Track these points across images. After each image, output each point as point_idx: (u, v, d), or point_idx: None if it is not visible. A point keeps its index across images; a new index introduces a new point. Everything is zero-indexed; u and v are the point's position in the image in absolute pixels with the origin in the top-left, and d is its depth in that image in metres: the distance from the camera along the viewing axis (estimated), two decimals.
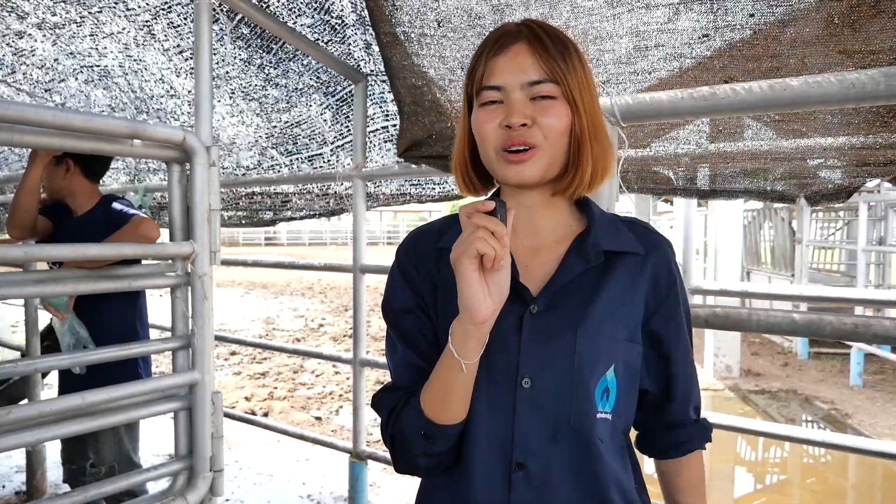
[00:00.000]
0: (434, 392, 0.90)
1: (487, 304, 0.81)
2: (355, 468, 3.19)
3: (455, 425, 0.90)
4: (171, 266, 1.98)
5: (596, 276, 0.94)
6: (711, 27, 1.49)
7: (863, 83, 1.23)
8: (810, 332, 1.47)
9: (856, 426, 5.97)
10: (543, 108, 0.89)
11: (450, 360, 0.86)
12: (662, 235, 1.01)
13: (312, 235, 40.27)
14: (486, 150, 0.93)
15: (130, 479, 1.87)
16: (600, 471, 0.91)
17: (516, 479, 0.90)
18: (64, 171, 2.43)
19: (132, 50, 3.02)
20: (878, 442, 1.98)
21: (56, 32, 2.99)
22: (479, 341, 0.85)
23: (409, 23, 1.79)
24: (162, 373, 6.83)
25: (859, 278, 7.74)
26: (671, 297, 0.99)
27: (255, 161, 3.60)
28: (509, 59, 0.90)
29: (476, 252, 0.79)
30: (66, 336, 2.27)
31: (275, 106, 3.11)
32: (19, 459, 4.13)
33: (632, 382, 0.96)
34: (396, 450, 0.96)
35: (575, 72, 0.90)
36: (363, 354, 3.16)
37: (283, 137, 3.36)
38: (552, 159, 0.91)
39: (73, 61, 3.27)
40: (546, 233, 0.98)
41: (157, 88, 3.38)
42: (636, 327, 0.95)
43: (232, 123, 3.28)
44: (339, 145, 3.30)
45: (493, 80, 0.90)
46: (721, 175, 2.84)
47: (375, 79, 2.87)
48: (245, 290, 16.33)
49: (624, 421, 0.97)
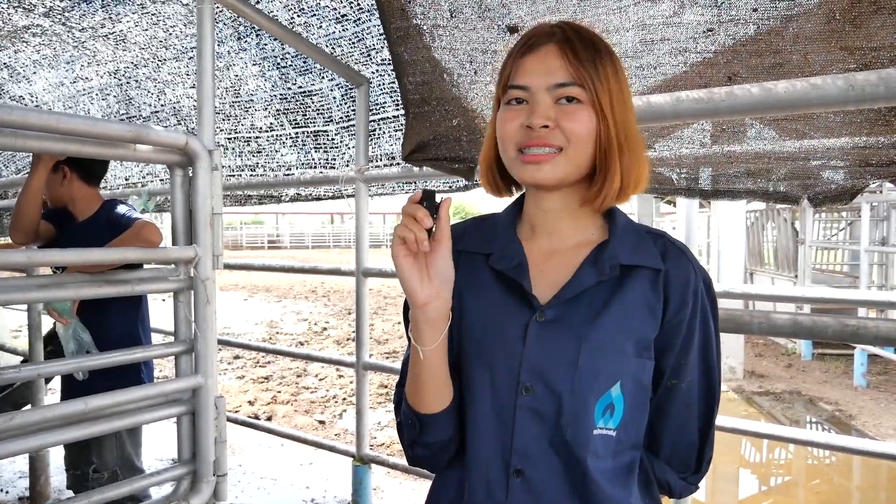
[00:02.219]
0: (410, 382, 0.94)
1: (425, 288, 0.86)
2: (359, 472, 3.18)
3: (436, 414, 0.94)
4: (174, 270, 1.98)
5: (608, 288, 0.91)
6: (716, 21, 1.49)
7: (862, 85, 1.23)
8: (813, 335, 1.47)
9: (860, 427, 5.95)
10: (567, 111, 0.88)
11: (413, 348, 0.91)
12: (684, 250, 0.95)
13: (315, 238, 40.33)
14: (507, 150, 0.92)
15: (134, 484, 1.87)
16: (594, 489, 0.89)
17: (514, 485, 0.90)
18: (61, 178, 2.44)
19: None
20: (882, 443, 1.98)
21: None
22: (431, 326, 0.88)
23: (423, 14, 1.80)
24: (165, 377, 6.84)
25: (862, 279, 7.72)
26: (680, 316, 0.92)
27: (267, 123, 3.58)
28: (538, 59, 0.89)
29: (398, 237, 0.84)
30: (70, 342, 2.27)
31: (293, 62, 3.09)
32: (22, 465, 4.12)
33: (642, 398, 0.93)
34: (402, 441, 1.02)
35: (605, 78, 0.88)
36: (366, 358, 3.15)
37: (294, 103, 3.34)
38: (574, 165, 0.89)
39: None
40: (564, 238, 0.96)
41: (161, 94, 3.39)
42: (648, 343, 0.91)
43: (253, 74, 3.26)
44: (345, 126, 3.28)
45: (519, 79, 0.90)
46: (724, 175, 2.83)
47: (386, 68, 2.82)
48: (248, 294, 16.34)
49: (633, 437, 0.93)
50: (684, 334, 0.92)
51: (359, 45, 2.73)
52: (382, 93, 2.98)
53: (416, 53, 1.90)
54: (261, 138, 3.70)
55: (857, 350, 7.21)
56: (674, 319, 0.91)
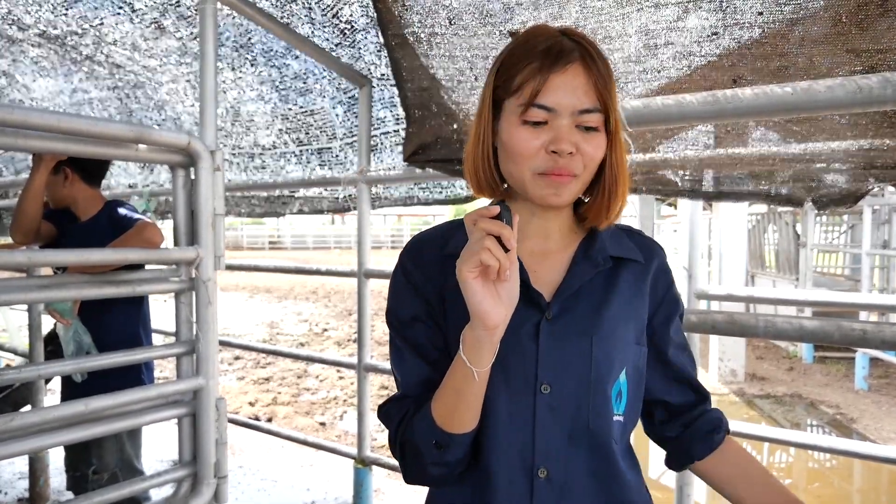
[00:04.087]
0: (446, 401, 0.88)
1: (499, 309, 0.80)
2: (360, 474, 3.17)
3: (468, 433, 0.89)
4: (176, 271, 1.98)
5: (603, 280, 0.96)
6: (720, 25, 1.48)
7: (870, 87, 1.23)
8: (818, 339, 1.46)
9: (861, 430, 5.94)
10: (587, 137, 0.88)
11: (462, 368, 0.84)
12: (656, 241, 1.05)
13: (317, 239, 40.29)
14: (521, 169, 0.90)
15: (134, 486, 1.86)
16: (618, 472, 0.93)
17: (538, 486, 0.90)
18: (63, 179, 2.43)
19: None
20: (883, 447, 1.97)
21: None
22: (492, 348, 0.83)
23: (420, 22, 1.79)
24: (166, 378, 6.83)
25: (863, 282, 7.72)
26: (668, 299, 1.02)
27: (271, 141, 3.58)
28: (567, 80, 0.86)
29: (479, 263, 0.77)
30: (70, 343, 2.26)
31: (293, 83, 3.09)
32: (22, 466, 4.12)
33: (639, 384, 0.98)
34: (407, 460, 0.93)
35: (615, 101, 0.89)
36: (367, 359, 3.15)
37: (297, 123, 3.36)
38: (583, 185, 0.92)
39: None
40: (554, 240, 0.99)
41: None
42: (642, 331, 0.98)
43: (251, 98, 3.27)
44: (349, 142, 3.29)
45: (548, 99, 0.86)
46: (727, 178, 2.82)
47: (385, 83, 2.86)
48: (249, 294, 16.33)
49: (633, 422, 0.99)
50: (671, 312, 1.02)
51: (358, 62, 2.76)
52: (383, 107, 3.00)
53: (414, 60, 1.89)
54: (265, 154, 3.72)
55: (859, 353, 7.20)
56: (662, 302, 1.01)
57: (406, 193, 3.60)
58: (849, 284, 10.07)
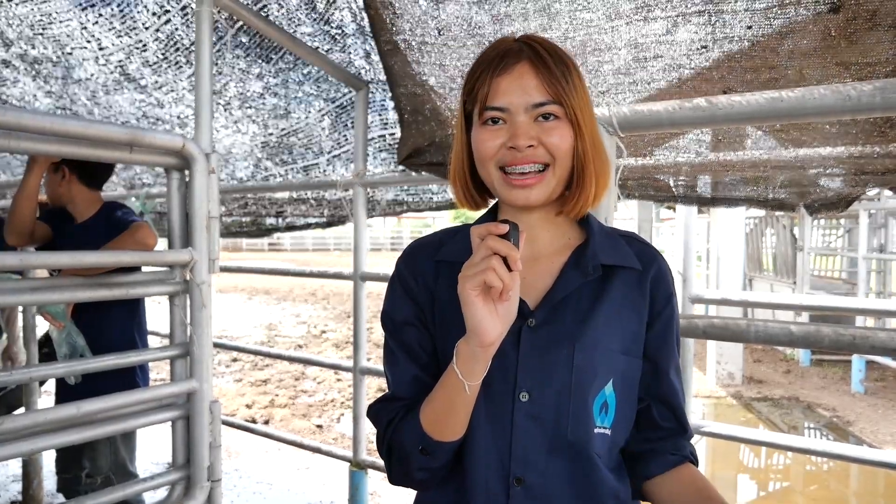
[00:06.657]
0: (435, 410, 0.89)
1: (496, 326, 0.80)
2: (356, 477, 3.17)
3: (454, 441, 0.90)
4: (170, 273, 1.98)
5: (593, 289, 0.94)
6: (710, 39, 1.49)
7: (858, 95, 1.24)
8: (808, 344, 1.47)
9: (857, 433, 5.95)
10: (548, 128, 0.89)
11: (453, 380, 0.85)
12: (657, 250, 1.02)
13: (316, 241, 40.26)
14: (488, 170, 0.92)
15: (127, 489, 1.86)
16: (598, 484, 0.91)
17: (515, 493, 0.90)
18: (60, 177, 2.43)
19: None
20: (879, 451, 1.97)
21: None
22: (485, 363, 0.84)
23: (410, 31, 1.79)
24: (162, 380, 6.82)
25: (860, 285, 7.72)
26: (667, 312, 0.98)
27: (249, 172, 3.60)
28: (513, 79, 0.89)
29: (482, 282, 0.77)
30: (63, 345, 2.26)
31: (272, 112, 3.11)
32: (15, 468, 4.12)
33: (630, 396, 0.96)
34: (393, 461, 0.95)
35: (576, 91, 0.90)
36: (364, 362, 3.15)
37: (278, 147, 3.36)
38: (559, 179, 0.92)
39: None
40: (544, 245, 0.99)
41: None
42: (634, 341, 0.95)
43: (227, 134, 3.29)
44: (336, 155, 3.30)
45: (498, 100, 0.89)
46: (722, 183, 2.83)
47: (376, 87, 2.88)
48: (248, 296, 16.32)
49: (623, 436, 0.96)
50: (667, 325, 0.98)
51: (349, 67, 2.77)
52: (372, 111, 3.01)
53: (406, 66, 1.90)
54: (249, 181, 3.74)
55: (855, 357, 7.21)
56: (661, 315, 0.97)
57: (394, 199, 3.60)
58: (846, 288, 10.07)
